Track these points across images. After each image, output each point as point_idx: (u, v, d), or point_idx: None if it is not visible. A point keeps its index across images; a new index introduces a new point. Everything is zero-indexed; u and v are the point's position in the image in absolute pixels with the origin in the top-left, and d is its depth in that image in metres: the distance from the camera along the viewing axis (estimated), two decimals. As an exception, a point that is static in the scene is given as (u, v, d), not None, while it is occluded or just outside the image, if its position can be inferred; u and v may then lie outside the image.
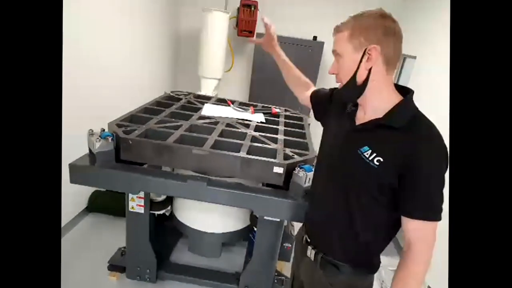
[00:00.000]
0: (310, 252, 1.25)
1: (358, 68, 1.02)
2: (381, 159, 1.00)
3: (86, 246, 2.54)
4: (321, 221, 1.23)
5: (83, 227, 2.77)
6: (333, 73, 1.12)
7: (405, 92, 1.07)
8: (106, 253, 2.33)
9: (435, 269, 1.37)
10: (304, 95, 1.54)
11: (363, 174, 1.04)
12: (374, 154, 1.01)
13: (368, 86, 1.03)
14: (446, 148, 0.97)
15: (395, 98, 1.05)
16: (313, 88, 1.55)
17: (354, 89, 1.05)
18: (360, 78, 1.03)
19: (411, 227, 1.00)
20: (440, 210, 0.99)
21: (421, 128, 0.99)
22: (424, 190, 0.97)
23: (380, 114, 1.04)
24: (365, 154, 1.03)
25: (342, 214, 1.13)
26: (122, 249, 2.32)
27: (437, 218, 0.98)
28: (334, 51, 1.08)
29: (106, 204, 2.90)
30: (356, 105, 1.15)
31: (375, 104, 1.06)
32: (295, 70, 1.63)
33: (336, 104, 1.27)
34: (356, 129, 1.10)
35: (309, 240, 1.28)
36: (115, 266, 2.25)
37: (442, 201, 0.99)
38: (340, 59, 1.06)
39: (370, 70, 1.01)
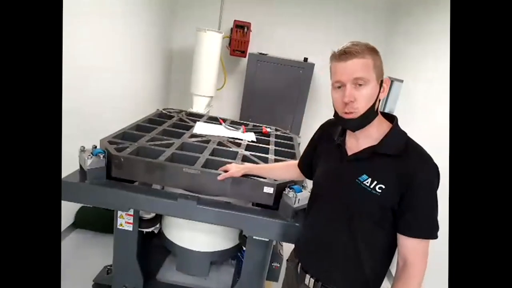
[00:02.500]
0: (309, 281, 1.24)
1: (377, 97, 1.05)
2: (383, 186, 1.03)
3: (71, 264, 2.49)
4: (321, 252, 1.22)
5: (69, 244, 2.72)
6: (349, 101, 1.03)
7: (390, 118, 1.12)
8: (91, 271, 2.28)
9: (435, 268, 1.39)
10: (296, 174, 1.54)
11: (366, 202, 1.07)
12: (375, 182, 1.05)
13: None
14: (438, 168, 1.03)
15: (385, 125, 1.10)
16: (296, 163, 1.54)
17: (372, 116, 1.07)
18: (376, 107, 1.07)
19: (409, 244, 1.04)
20: (437, 228, 1.03)
21: (415, 152, 1.05)
22: (423, 208, 1.02)
23: (373, 142, 1.08)
24: (365, 182, 1.06)
25: (346, 244, 1.14)
26: (108, 267, 2.28)
27: (434, 236, 1.03)
28: (356, 79, 1.01)
29: (93, 220, 2.86)
30: (343, 134, 1.18)
31: (370, 131, 1.10)
32: (276, 167, 1.66)
33: (323, 140, 1.30)
34: (351, 159, 1.12)
35: (305, 268, 1.27)
36: (100, 285, 2.20)
37: (437, 220, 1.04)
38: (363, 87, 1.02)
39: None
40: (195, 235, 2.13)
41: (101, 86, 2.87)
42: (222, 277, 2.44)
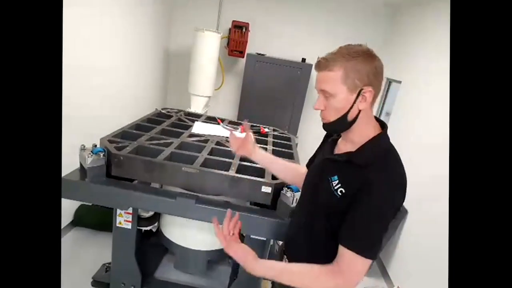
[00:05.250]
0: None
1: (351, 108, 1.03)
2: (343, 191, 1.04)
3: (69, 261, 2.50)
4: (290, 239, 1.30)
5: (68, 242, 2.73)
6: (319, 109, 1.08)
7: (381, 126, 1.12)
8: (90, 268, 2.30)
9: (435, 269, 1.40)
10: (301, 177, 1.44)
11: (327, 201, 1.09)
12: (339, 185, 1.06)
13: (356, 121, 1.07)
14: (400, 192, 1.01)
15: (372, 132, 1.09)
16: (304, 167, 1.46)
17: (343, 125, 1.07)
18: (351, 117, 1.04)
19: (342, 254, 1.01)
20: (372, 248, 0.99)
21: (381, 164, 1.02)
22: (362, 219, 0.99)
23: (354, 147, 1.09)
24: (333, 182, 1.08)
25: (306, 238, 1.19)
26: (107, 265, 2.30)
27: (366, 254, 0.98)
28: (323, 91, 1.04)
29: (92, 218, 2.88)
30: (339, 135, 1.21)
31: (351, 137, 1.10)
32: (279, 161, 1.52)
33: (325, 139, 1.32)
34: (332, 158, 1.15)
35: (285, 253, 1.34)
36: (99, 282, 2.22)
37: (378, 241, 1.00)
38: (331, 98, 1.03)
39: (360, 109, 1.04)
40: (193, 234, 2.15)
41: (99, 85, 2.88)
42: (219, 276, 2.46)
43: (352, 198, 1.02)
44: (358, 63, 0.99)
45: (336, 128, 1.12)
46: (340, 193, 1.05)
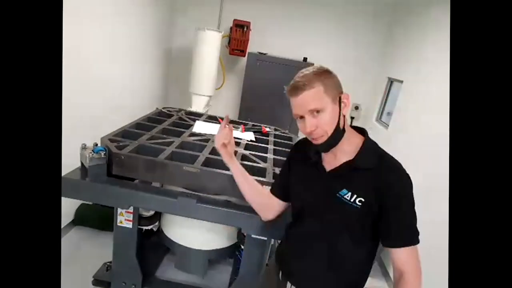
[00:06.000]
0: None
1: (339, 115, 1.08)
2: (363, 199, 1.07)
3: (70, 261, 2.50)
4: (303, 262, 1.25)
5: (68, 241, 2.74)
6: (311, 130, 1.08)
7: (361, 131, 1.17)
8: (91, 267, 2.30)
9: (436, 269, 1.40)
10: (270, 200, 1.43)
11: (347, 215, 1.10)
12: (355, 196, 1.08)
13: None
14: (409, 177, 1.07)
15: (357, 138, 1.15)
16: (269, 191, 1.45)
17: (340, 136, 1.11)
18: (342, 125, 1.10)
19: (401, 256, 1.06)
20: (418, 233, 1.07)
21: (388, 163, 1.09)
22: (403, 218, 1.05)
23: (349, 156, 1.12)
24: (345, 197, 1.09)
25: (326, 257, 1.18)
26: (108, 264, 2.30)
27: (417, 241, 1.06)
28: (311, 110, 1.06)
29: (92, 217, 2.88)
30: (317, 152, 1.20)
31: (343, 147, 1.13)
32: (253, 182, 1.49)
33: (298, 160, 1.31)
34: (330, 175, 1.15)
35: (286, 276, 1.30)
36: (100, 281, 2.22)
37: (415, 224, 1.08)
38: (321, 113, 1.05)
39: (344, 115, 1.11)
40: (193, 233, 2.15)
41: (100, 86, 2.88)
42: (219, 276, 2.46)
43: (373, 202, 1.05)
44: (327, 77, 1.07)
45: (335, 142, 1.11)
46: (359, 203, 1.07)
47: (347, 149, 1.12)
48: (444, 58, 2.75)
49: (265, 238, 1.89)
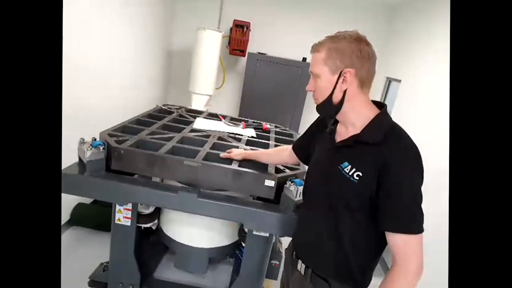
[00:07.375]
0: (300, 266, 1.25)
1: (334, 89, 1.06)
2: (360, 174, 1.02)
3: (66, 261, 2.45)
4: (309, 239, 1.24)
5: (64, 241, 2.68)
6: (310, 90, 1.14)
7: (380, 106, 1.13)
8: (87, 268, 2.25)
9: (435, 268, 1.38)
10: (288, 158, 1.58)
11: (344, 189, 1.06)
12: (354, 169, 1.04)
13: (345, 104, 1.08)
14: (420, 159, 1.02)
15: (372, 113, 1.09)
16: (288, 147, 1.58)
17: (330, 108, 1.10)
18: (336, 99, 1.07)
19: (394, 241, 1.00)
20: (419, 222, 0.99)
21: (396, 140, 1.02)
22: (400, 201, 0.98)
23: (357, 130, 1.08)
24: (345, 169, 1.06)
25: (330, 232, 1.14)
26: (104, 264, 2.25)
27: (416, 230, 0.98)
28: (311, 72, 1.11)
29: (89, 217, 2.83)
30: (335, 123, 1.19)
31: (353, 120, 1.10)
32: (271, 151, 1.75)
33: (320, 129, 1.31)
34: (337, 146, 1.13)
35: (298, 255, 1.28)
36: (96, 282, 2.17)
37: (421, 214, 1.00)
38: (318, 79, 1.09)
39: (345, 91, 1.06)
40: (193, 231, 2.11)
41: (100, 84, 2.85)
42: (220, 275, 2.41)
43: (372, 179, 1.00)
44: (341, 45, 1.03)
45: (324, 111, 1.16)
46: (357, 177, 1.02)
47: (357, 123, 1.09)
48: (442, 58, 2.73)
49: (267, 235, 1.85)
